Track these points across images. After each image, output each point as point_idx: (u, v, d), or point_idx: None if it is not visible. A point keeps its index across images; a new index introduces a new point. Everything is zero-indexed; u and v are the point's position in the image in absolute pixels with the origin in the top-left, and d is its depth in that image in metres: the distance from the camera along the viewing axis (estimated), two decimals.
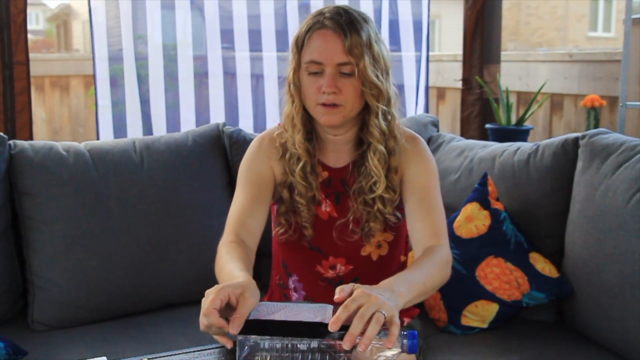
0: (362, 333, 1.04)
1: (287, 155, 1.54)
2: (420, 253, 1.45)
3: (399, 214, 1.55)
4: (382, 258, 1.59)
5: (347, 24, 1.41)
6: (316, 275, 1.60)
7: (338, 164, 1.56)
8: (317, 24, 1.43)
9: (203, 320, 1.09)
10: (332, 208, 1.56)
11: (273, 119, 2.71)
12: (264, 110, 2.72)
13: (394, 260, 1.62)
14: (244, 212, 1.51)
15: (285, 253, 1.63)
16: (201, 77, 2.64)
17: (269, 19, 2.67)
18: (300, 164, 1.52)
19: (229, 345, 1.10)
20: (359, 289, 1.12)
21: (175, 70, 2.60)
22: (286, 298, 1.65)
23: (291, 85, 1.49)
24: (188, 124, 2.62)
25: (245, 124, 2.67)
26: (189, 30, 2.60)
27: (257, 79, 2.71)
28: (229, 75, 2.67)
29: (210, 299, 1.09)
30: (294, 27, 2.68)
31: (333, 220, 1.56)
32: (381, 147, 1.49)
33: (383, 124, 1.48)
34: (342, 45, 1.40)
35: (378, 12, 2.84)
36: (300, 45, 1.45)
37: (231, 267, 1.32)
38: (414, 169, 1.53)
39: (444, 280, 1.43)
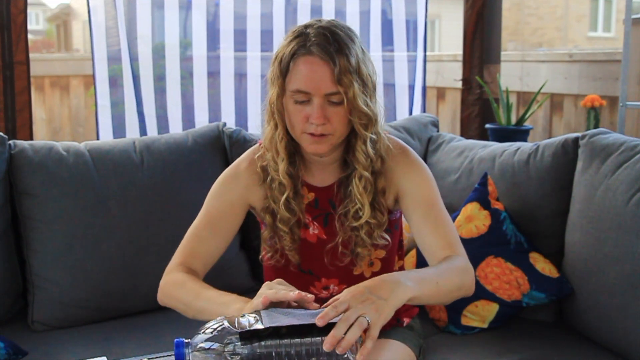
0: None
1: (269, 180, 1.49)
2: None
3: (387, 237, 1.50)
4: (375, 274, 1.52)
5: (335, 51, 1.33)
6: None
7: (324, 182, 1.51)
8: (302, 48, 1.35)
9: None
10: (320, 230, 1.51)
11: (255, 117, 2.72)
12: (245, 109, 2.73)
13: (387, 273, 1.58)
14: (196, 239, 1.51)
15: (276, 275, 1.58)
16: (189, 77, 2.65)
17: (255, 19, 2.68)
18: (285, 194, 1.46)
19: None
20: (355, 288, 1.16)
21: (164, 71, 2.61)
22: None
23: (274, 110, 1.41)
24: (175, 123, 2.63)
25: (228, 123, 2.68)
26: (177, 31, 2.61)
27: (240, 78, 2.72)
28: (215, 74, 2.68)
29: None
30: (280, 28, 2.69)
31: (322, 242, 1.51)
32: (367, 174, 1.43)
33: (371, 150, 1.42)
34: (331, 74, 1.33)
35: (375, 12, 2.84)
36: (284, 69, 1.37)
37: (216, 292, 1.34)
38: (411, 183, 1.47)
39: (464, 287, 1.37)
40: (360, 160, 1.43)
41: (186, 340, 1.08)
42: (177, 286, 1.43)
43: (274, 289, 1.18)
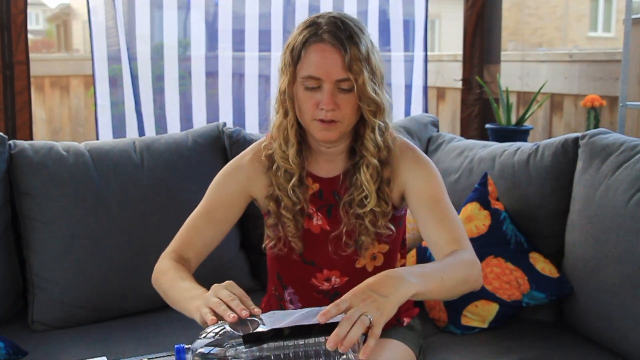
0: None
1: (274, 167, 1.51)
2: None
3: (392, 226, 1.51)
4: (377, 268, 1.53)
5: (346, 38, 1.36)
6: (311, 288, 1.57)
7: (330, 174, 1.53)
8: (314, 36, 1.38)
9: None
10: (324, 221, 1.52)
11: (253, 117, 2.73)
12: (244, 108, 2.74)
13: (389, 268, 1.59)
14: (192, 228, 1.53)
15: (279, 266, 1.60)
16: (187, 77, 2.66)
17: (254, 19, 2.68)
18: (292, 181, 1.48)
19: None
20: (357, 287, 1.15)
21: (163, 71, 2.61)
22: (282, 309, 1.61)
23: (285, 98, 1.44)
24: (174, 123, 2.63)
25: (226, 122, 2.69)
26: (176, 31, 2.61)
27: (239, 78, 2.73)
28: (213, 74, 2.69)
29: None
30: (278, 28, 2.70)
31: (326, 233, 1.52)
32: (374, 161, 1.46)
33: (379, 138, 1.45)
34: (342, 61, 1.36)
35: (373, 12, 2.84)
36: (296, 57, 1.40)
37: (188, 285, 1.35)
38: (418, 179, 1.49)
39: (470, 281, 1.36)
40: (369, 148, 1.45)
41: (186, 346, 1.08)
42: (160, 273, 1.46)
43: (220, 294, 1.19)
